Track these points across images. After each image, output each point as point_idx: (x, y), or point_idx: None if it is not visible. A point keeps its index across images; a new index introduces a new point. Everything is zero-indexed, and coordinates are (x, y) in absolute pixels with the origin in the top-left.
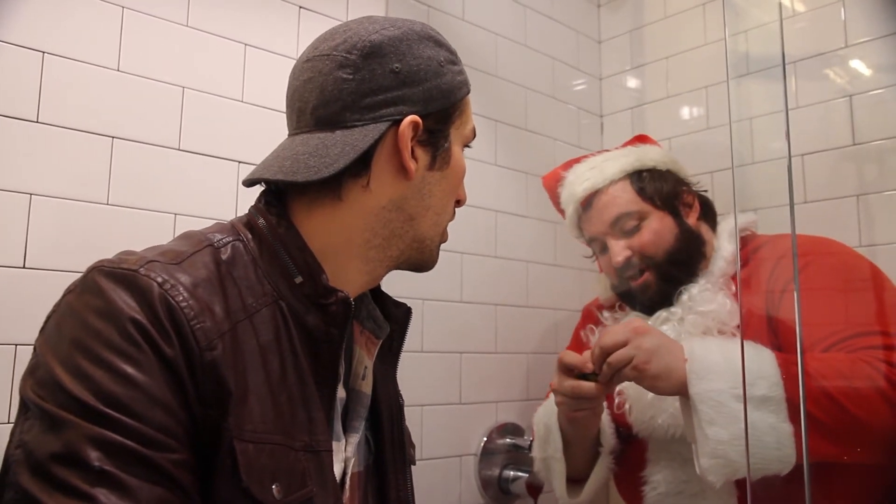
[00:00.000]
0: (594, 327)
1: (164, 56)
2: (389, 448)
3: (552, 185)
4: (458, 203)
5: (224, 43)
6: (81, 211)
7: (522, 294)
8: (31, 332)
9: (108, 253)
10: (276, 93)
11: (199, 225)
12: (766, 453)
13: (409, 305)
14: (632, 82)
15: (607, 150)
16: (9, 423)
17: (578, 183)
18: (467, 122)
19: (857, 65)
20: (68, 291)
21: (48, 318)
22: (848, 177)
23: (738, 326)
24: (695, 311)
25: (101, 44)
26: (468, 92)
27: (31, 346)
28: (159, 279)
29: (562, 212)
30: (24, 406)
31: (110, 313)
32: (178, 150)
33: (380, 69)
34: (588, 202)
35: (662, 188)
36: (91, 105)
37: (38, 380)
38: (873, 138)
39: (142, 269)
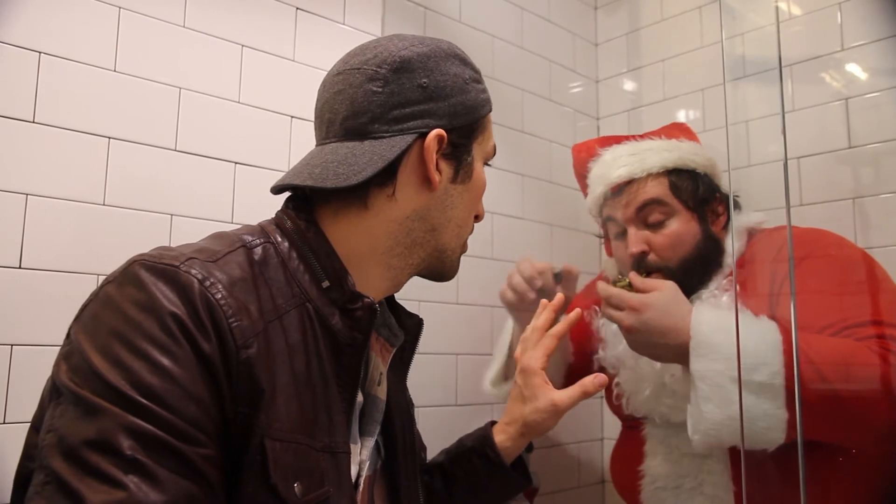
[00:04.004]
0: (597, 308)
1: (160, 57)
2: (402, 455)
3: (583, 156)
4: (477, 218)
5: (221, 44)
6: (77, 211)
7: None
8: (27, 333)
9: (105, 254)
10: (273, 94)
11: (194, 226)
12: (755, 436)
13: (420, 317)
14: (628, 85)
15: (650, 137)
16: (5, 423)
17: (615, 166)
18: (489, 138)
19: (853, 68)
20: (107, 282)
21: (84, 306)
22: (844, 180)
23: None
24: None
25: (97, 44)
26: (490, 110)
27: (28, 347)
28: (199, 276)
29: (582, 184)
30: (57, 391)
31: (151, 306)
32: (175, 150)
33: (408, 83)
34: (619, 188)
35: (697, 191)
36: (87, 106)
37: (72, 366)
38: (869, 141)
39: (182, 265)
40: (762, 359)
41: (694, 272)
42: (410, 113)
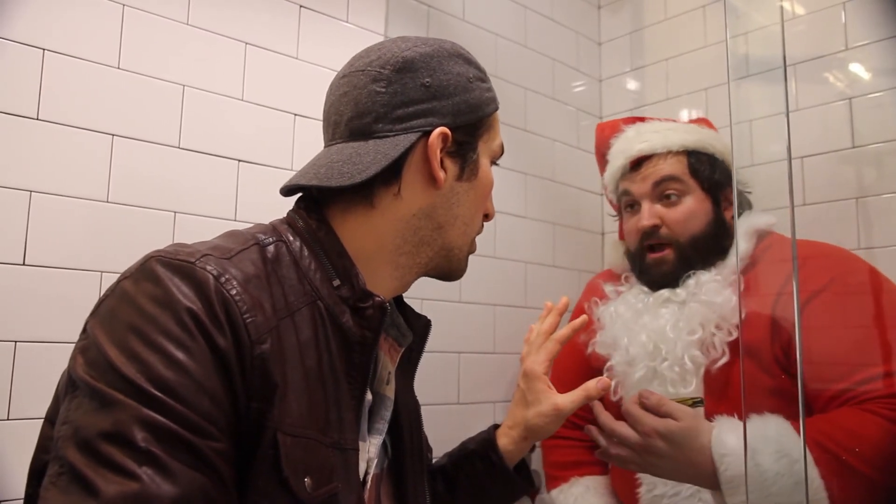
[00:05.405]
0: (598, 300)
1: (164, 54)
2: (409, 456)
3: (606, 133)
4: (487, 217)
5: (224, 41)
6: (81, 208)
7: (521, 295)
8: (31, 329)
9: (108, 251)
10: (277, 92)
11: (198, 223)
12: None
13: (429, 318)
14: (631, 84)
15: (673, 120)
16: (8, 419)
17: (638, 141)
18: (495, 137)
19: (857, 68)
20: (124, 277)
21: (101, 301)
22: (847, 179)
23: (738, 325)
24: (699, 299)
25: (101, 41)
26: (496, 108)
27: (31, 343)
28: (215, 272)
29: (601, 161)
30: (73, 384)
31: (167, 302)
32: (178, 148)
33: (411, 83)
34: (638, 162)
35: (714, 174)
36: (91, 103)
37: (89, 360)
38: (872, 141)
39: (198, 261)
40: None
41: (700, 250)
42: (414, 112)
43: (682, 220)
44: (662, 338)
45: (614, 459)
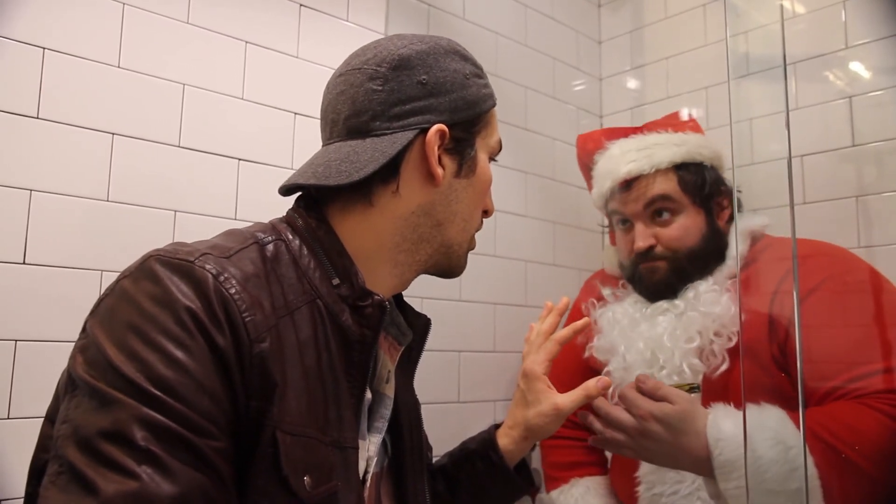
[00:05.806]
0: (595, 301)
1: (164, 53)
2: (409, 454)
3: (590, 147)
4: (486, 213)
5: (225, 40)
6: (81, 207)
7: (521, 293)
8: (31, 328)
9: (108, 250)
10: (277, 90)
11: (198, 222)
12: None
13: (428, 317)
14: (632, 83)
15: (656, 130)
16: (9, 418)
17: (623, 162)
18: (493, 133)
19: (857, 66)
20: (123, 276)
21: (100, 300)
22: (847, 178)
23: (738, 332)
24: (697, 309)
25: (101, 40)
26: (494, 105)
27: (31, 342)
28: (214, 271)
29: (587, 174)
30: (73, 383)
31: (166, 300)
32: (179, 147)
33: (408, 80)
34: (627, 184)
35: (704, 185)
36: (91, 102)
37: (88, 359)
38: (872, 140)
39: (197, 260)
40: (793, 462)
41: (697, 263)
42: (411, 109)
43: (677, 237)
44: (660, 346)
45: (610, 445)
